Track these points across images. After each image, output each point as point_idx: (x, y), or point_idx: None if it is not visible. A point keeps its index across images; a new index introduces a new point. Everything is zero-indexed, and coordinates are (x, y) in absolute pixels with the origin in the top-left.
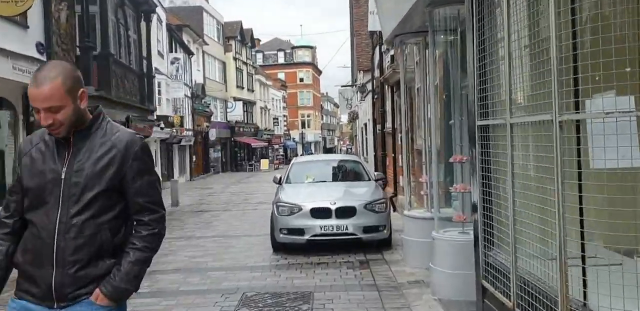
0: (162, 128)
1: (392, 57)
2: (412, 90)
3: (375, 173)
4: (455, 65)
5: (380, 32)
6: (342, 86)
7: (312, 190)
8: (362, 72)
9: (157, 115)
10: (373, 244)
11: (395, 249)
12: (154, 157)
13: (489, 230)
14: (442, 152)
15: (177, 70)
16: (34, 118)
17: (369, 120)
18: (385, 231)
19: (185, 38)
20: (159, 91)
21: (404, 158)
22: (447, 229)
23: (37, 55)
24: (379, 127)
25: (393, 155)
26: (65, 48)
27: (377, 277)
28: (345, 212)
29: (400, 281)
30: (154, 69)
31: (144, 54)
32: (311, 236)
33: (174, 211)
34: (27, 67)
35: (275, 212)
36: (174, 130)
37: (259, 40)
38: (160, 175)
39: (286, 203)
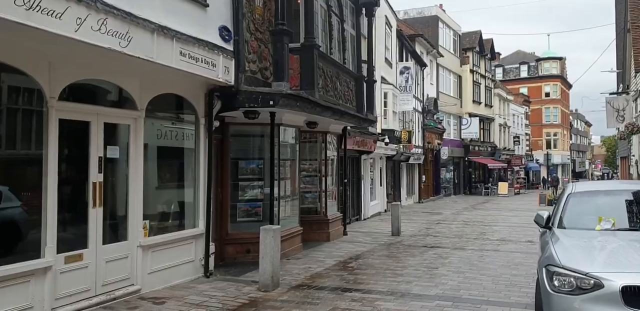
0: (386, 144)
1: None
2: None
3: None
4: None
5: None
6: (610, 94)
7: (616, 247)
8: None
9: (382, 129)
10: None
11: None
12: (379, 175)
13: None
14: None
15: (407, 81)
16: (218, 123)
17: None
18: None
19: (418, 49)
20: (385, 103)
21: None
22: None
23: (219, 42)
24: None
25: None
26: (259, 37)
27: None
28: None
29: None
30: (380, 77)
31: (364, 54)
32: None
33: (392, 242)
34: (204, 56)
35: (547, 284)
36: (401, 147)
37: (499, 54)
38: (385, 195)
39: (568, 269)
